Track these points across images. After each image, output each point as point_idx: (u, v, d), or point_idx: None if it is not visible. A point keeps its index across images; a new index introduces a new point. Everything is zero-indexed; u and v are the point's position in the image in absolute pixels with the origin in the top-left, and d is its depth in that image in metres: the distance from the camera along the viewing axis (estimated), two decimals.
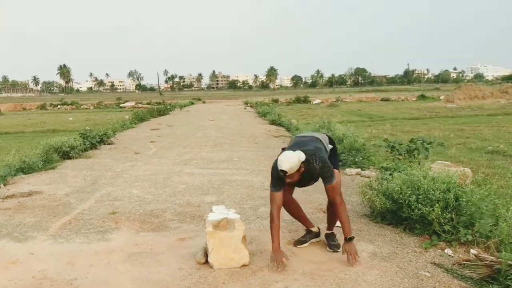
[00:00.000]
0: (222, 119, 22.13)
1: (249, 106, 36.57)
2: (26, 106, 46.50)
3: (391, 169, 6.23)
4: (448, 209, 4.10)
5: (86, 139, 10.92)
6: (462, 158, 9.07)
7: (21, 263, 3.87)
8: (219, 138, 13.47)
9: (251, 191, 6.33)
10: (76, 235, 4.59)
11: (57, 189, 6.71)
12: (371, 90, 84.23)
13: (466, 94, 32.48)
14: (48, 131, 18.17)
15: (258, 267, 3.66)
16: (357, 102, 41.95)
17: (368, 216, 4.98)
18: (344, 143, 8.56)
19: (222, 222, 3.69)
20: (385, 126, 16.54)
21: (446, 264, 3.66)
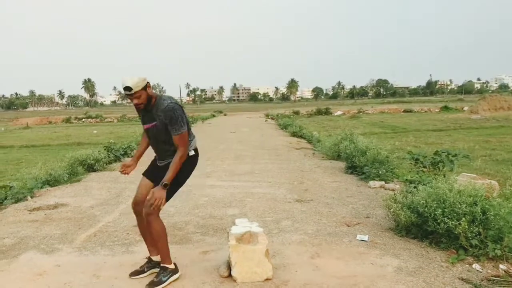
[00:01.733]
0: (243, 132, 22.20)
1: (270, 118, 36.65)
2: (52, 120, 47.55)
3: (415, 182, 6.14)
4: (475, 223, 4.01)
5: (110, 152, 11.09)
6: (488, 170, 8.90)
7: (48, 275, 3.93)
8: (240, 150, 13.50)
9: (273, 204, 6.31)
10: (101, 248, 4.64)
11: (82, 201, 6.81)
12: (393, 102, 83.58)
13: (491, 105, 31.97)
14: (73, 144, 18.51)
15: (281, 281, 3.64)
16: (379, 114, 41.64)
17: (393, 230, 4.90)
18: (367, 156, 8.48)
19: (245, 235, 3.69)
20: (408, 138, 16.36)
21: (474, 280, 3.58)
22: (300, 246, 4.50)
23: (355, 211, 5.81)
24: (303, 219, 5.48)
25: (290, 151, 12.96)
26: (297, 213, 5.79)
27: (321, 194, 6.86)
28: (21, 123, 42.93)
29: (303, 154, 12.22)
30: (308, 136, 16.91)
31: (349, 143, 9.61)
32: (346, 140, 10.10)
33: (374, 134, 17.12)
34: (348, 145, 9.49)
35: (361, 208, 5.98)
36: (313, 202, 6.36)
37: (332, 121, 30.75)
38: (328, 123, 28.22)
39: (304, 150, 13.24)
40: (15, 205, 6.68)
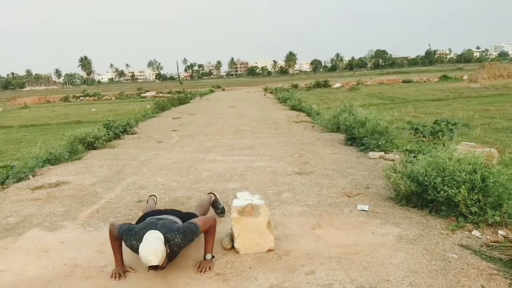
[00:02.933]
0: (242, 106, 22.14)
1: (269, 92, 36.47)
2: (50, 99, 47.38)
3: (415, 152, 6.16)
4: (475, 190, 4.05)
5: (109, 130, 11.07)
6: (487, 138, 8.91)
7: (53, 252, 3.98)
8: (240, 125, 13.50)
9: (274, 177, 6.34)
10: (104, 224, 4.68)
11: (84, 179, 6.84)
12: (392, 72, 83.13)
13: (490, 73, 31.75)
14: (72, 123, 18.48)
15: (283, 251, 3.69)
16: (378, 85, 41.45)
17: (393, 199, 4.95)
18: (366, 127, 8.49)
19: (247, 208, 3.72)
20: (407, 108, 16.33)
21: (473, 246, 3.63)
22: (301, 217, 4.55)
23: (355, 182, 5.85)
24: (303, 191, 5.52)
25: (289, 125, 12.95)
26: (298, 185, 5.83)
27: (321, 166, 6.89)
28: (19, 103, 42.75)
29: (302, 127, 12.22)
30: (307, 109, 16.86)
31: (348, 115, 9.60)
32: (345, 112, 10.08)
33: (373, 106, 17.08)
34: (347, 117, 9.48)
35: (361, 179, 6.02)
36: (313, 174, 6.39)
37: (331, 94, 30.64)
38: (327, 96, 28.12)
39: (303, 123, 13.23)
40: (17, 184, 6.71)
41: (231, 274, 3.34)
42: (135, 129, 12.76)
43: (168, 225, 3.41)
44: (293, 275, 3.26)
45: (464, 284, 3.00)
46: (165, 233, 3.28)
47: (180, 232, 3.39)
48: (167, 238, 3.27)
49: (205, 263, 3.47)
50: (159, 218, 3.61)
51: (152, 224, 3.43)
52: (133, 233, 3.38)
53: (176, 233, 3.36)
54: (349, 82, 46.89)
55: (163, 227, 3.35)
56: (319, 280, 3.17)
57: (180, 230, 3.41)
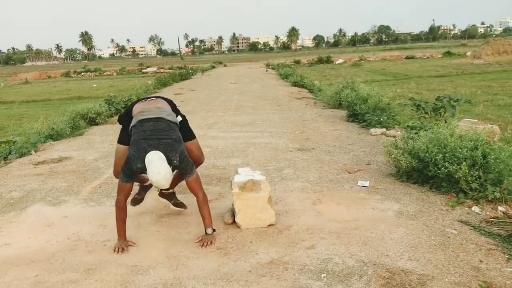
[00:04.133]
0: (244, 82, 22.04)
1: (271, 68, 36.26)
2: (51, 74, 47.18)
3: (417, 128, 6.15)
4: (476, 166, 4.05)
5: (111, 105, 11.08)
6: (489, 115, 8.88)
7: (56, 226, 4.03)
8: (241, 101, 13.46)
9: (275, 153, 6.36)
10: (106, 199, 4.72)
11: (86, 154, 6.87)
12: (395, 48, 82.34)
13: (494, 50, 31.40)
14: (74, 98, 18.45)
15: (284, 226, 3.73)
16: (381, 61, 41.13)
17: (394, 176, 4.96)
18: (368, 103, 8.46)
19: (248, 183, 3.74)
20: (410, 85, 16.24)
21: (473, 222, 3.65)
22: (302, 193, 4.57)
23: (356, 158, 5.86)
24: (304, 167, 5.53)
25: (291, 101, 12.91)
26: (299, 161, 5.85)
27: (322, 143, 6.89)
28: (20, 78, 42.60)
29: (304, 103, 12.18)
30: (309, 85, 16.78)
31: (350, 92, 9.56)
32: (347, 89, 10.03)
33: (375, 82, 16.97)
34: (350, 93, 9.44)
35: (362, 155, 6.03)
36: (314, 151, 6.40)
37: (334, 70, 30.44)
38: (330, 72, 27.94)
39: (305, 99, 13.18)
40: (20, 159, 6.75)
41: (232, 248, 3.38)
42: None
43: (169, 144, 3.39)
44: (294, 250, 3.30)
45: (463, 259, 3.04)
46: (166, 152, 3.33)
47: (180, 155, 3.40)
48: (168, 157, 3.32)
49: (206, 237, 3.50)
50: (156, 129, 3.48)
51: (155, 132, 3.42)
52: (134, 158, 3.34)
53: (176, 154, 3.38)
54: (352, 58, 46.53)
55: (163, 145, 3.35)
56: (319, 254, 3.21)
57: (181, 154, 3.41)
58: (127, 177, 3.42)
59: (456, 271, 2.88)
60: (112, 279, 3.00)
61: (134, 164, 3.34)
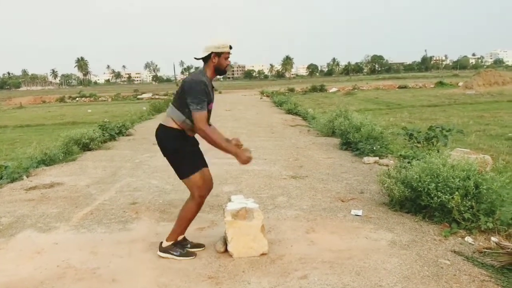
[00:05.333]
0: (239, 109, 22.15)
1: (265, 96, 36.49)
2: (46, 99, 47.24)
3: (409, 157, 6.17)
4: (468, 196, 4.06)
5: (105, 131, 11.05)
6: (481, 145, 8.95)
7: (46, 253, 3.97)
8: (235, 128, 13.50)
9: (269, 181, 6.35)
10: (97, 225, 4.67)
11: (78, 180, 6.83)
12: (388, 78, 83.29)
13: (486, 80, 31.88)
14: (68, 124, 18.43)
15: (277, 255, 3.69)
16: (374, 90, 41.57)
17: (387, 205, 4.96)
18: (361, 132, 8.51)
19: (241, 211, 3.72)
20: (403, 114, 16.38)
21: (466, 252, 3.64)
22: (295, 221, 4.55)
23: (349, 187, 5.86)
24: (298, 195, 5.52)
25: (285, 128, 12.97)
26: (292, 189, 5.84)
27: (316, 170, 6.90)
28: (14, 103, 42.58)
29: (298, 131, 12.24)
30: (303, 113, 16.90)
31: (343, 120, 9.63)
32: (340, 117, 10.11)
33: (368, 111, 17.09)
34: (343, 121, 9.51)
35: (356, 183, 6.03)
36: (308, 178, 6.40)
37: (327, 98, 30.69)
38: (323, 100, 28.17)
39: (299, 127, 13.25)
40: (11, 184, 6.69)
41: (224, 277, 3.34)
42: (130, 130, 12.74)
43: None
44: (286, 279, 3.26)
45: None
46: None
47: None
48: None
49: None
50: None
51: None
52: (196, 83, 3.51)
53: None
54: (345, 86, 46.99)
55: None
56: (312, 284, 3.17)
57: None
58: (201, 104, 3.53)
59: None
60: None
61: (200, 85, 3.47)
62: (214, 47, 3.47)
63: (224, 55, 3.51)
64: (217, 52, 3.50)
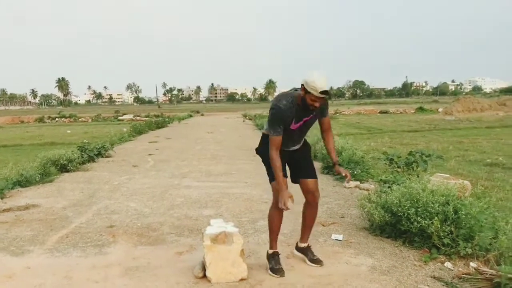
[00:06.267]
0: (221, 132, 22.14)
1: (248, 119, 36.62)
2: (24, 119, 46.49)
3: (390, 182, 6.21)
4: (448, 222, 4.08)
5: (84, 152, 10.89)
6: (461, 170, 9.06)
7: (18, 277, 3.83)
8: (217, 151, 13.46)
9: (250, 204, 6.30)
10: (73, 249, 4.55)
11: (55, 202, 6.68)
12: (370, 103, 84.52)
13: (465, 107, 32.61)
14: (46, 144, 18.12)
15: (256, 281, 3.63)
16: (356, 115, 42.06)
17: (367, 229, 4.95)
18: (343, 156, 8.55)
19: (220, 235, 3.66)
20: (383, 139, 16.55)
21: (445, 278, 3.63)
22: None
23: (330, 211, 5.84)
24: None
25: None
26: None
27: (297, 194, 6.85)
28: None
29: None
30: None
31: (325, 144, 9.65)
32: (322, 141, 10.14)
33: (350, 135, 17.24)
34: (324, 145, 9.53)
35: (336, 208, 6.02)
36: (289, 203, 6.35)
37: None
38: None
39: None
40: None
41: None
42: (110, 152, 12.59)
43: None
44: None
45: None
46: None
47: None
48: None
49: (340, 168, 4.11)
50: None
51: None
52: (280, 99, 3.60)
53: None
54: None
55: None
56: None
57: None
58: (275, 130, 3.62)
59: None
60: None
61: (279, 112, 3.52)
62: (305, 82, 3.39)
63: (310, 95, 3.41)
64: (305, 87, 3.42)
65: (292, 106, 3.55)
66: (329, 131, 4.10)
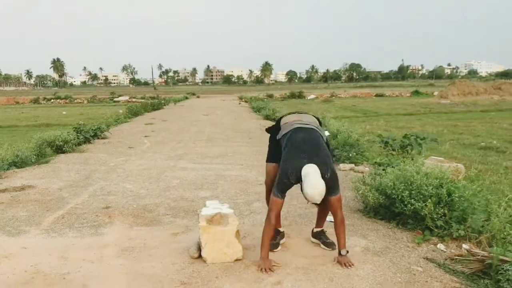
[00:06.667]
0: (217, 114, 22.10)
1: (244, 101, 36.52)
2: (19, 100, 46.21)
3: (384, 165, 6.25)
4: (441, 204, 4.12)
5: (79, 133, 10.88)
6: (455, 154, 9.11)
7: (14, 257, 3.86)
8: (213, 133, 13.46)
9: (245, 186, 6.33)
10: (69, 230, 4.58)
11: (50, 183, 6.69)
12: (366, 86, 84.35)
13: (460, 90, 32.61)
14: (42, 125, 18.07)
15: (251, 261, 3.67)
16: (352, 98, 42.02)
17: (361, 211, 5.00)
18: (338, 139, 8.57)
19: (215, 217, 3.69)
20: (379, 122, 16.57)
21: (438, 259, 3.69)
22: None
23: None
24: None
25: (263, 134, 12.89)
26: None
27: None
28: None
29: None
30: None
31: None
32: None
33: (345, 118, 17.25)
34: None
35: None
36: None
37: (305, 105, 30.86)
38: (301, 107, 28.29)
39: None
40: None
41: (197, 283, 3.30)
42: (106, 133, 12.57)
43: (323, 157, 3.51)
44: (260, 285, 3.25)
45: None
46: (320, 165, 3.40)
47: (331, 171, 3.49)
48: (321, 170, 3.39)
49: (342, 258, 3.57)
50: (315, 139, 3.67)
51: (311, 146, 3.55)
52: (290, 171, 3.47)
53: (328, 169, 3.46)
54: (323, 94, 47.35)
55: (317, 158, 3.46)
56: None
57: (332, 170, 3.51)
58: (282, 192, 3.55)
59: None
60: None
61: (291, 177, 3.46)
62: (304, 191, 3.39)
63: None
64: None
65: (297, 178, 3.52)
66: (336, 214, 3.64)
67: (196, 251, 3.75)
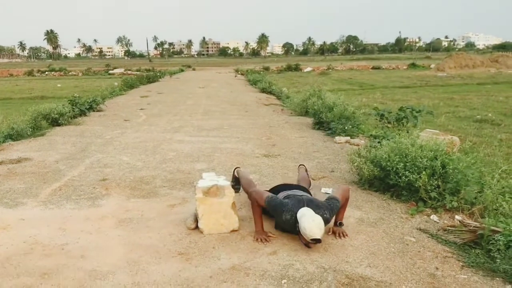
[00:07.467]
0: (213, 87, 21.99)
1: (240, 74, 36.32)
2: (13, 72, 45.82)
3: (380, 137, 6.28)
4: (435, 176, 4.16)
5: (75, 106, 10.83)
6: (450, 126, 9.16)
7: (12, 229, 3.90)
8: (209, 106, 13.43)
9: (241, 159, 6.36)
10: (66, 201, 4.61)
11: (47, 155, 6.69)
12: (363, 58, 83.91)
13: (457, 63, 32.49)
14: (37, 98, 17.97)
15: (247, 232, 3.72)
16: (348, 71, 41.82)
17: (356, 183, 5.05)
18: (334, 112, 8.57)
19: (212, 188, 3.73)
20: (375, 95, 16.57)
21: (431, 230, 3.75)
22: None
23: (320, 166, 5.93)
24: (270, 173, 5.56)
25: (259, 107, 12.96)
26: (265, 167, 5.87)
27: (288, 149, 6.94)
28: None
29: (271, 110, 12.25)
30: (278, 92, 16.89)
31: (317, 99, 9.67)
32: (314, 97, 10.14)
33: (342, 91, 17.19)
34: (316, 101, 9.55)
35: (327, 162, 6.10)
36: (280, 157, 6.44)
37: (302, 78, 30.73)
38: (298, 80, 28.20)
39: (273, 106, 13.26)
40: None
41: (194, 254, 3.35)
42: (101, 106, 12.52)
43: (314, 202, 3.59)
44: (256, 255, 3.30)
45: (420, 266, 3.11)
46: (315, 210, 3.44)
47: (327, 208, 3.56)
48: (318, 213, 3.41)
49: (338, 229, 3.67)
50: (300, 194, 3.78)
51: (300, 201, 3.58)
52: (287, 208, 3.52)
53: (324, 210, 3.52)
54: (320, 66, 47.11)
55: (310, 204, 3.54)
56: (281, 260, 3.22)
57: (327, 207, 3.58)
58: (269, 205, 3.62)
59: (413, 278, 2.95)
60: (68, 284, 2.93)
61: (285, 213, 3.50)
62: (299, 224, 3.35)
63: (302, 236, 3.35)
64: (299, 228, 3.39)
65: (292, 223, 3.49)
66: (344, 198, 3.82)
67: (193, 222, 3.80)
